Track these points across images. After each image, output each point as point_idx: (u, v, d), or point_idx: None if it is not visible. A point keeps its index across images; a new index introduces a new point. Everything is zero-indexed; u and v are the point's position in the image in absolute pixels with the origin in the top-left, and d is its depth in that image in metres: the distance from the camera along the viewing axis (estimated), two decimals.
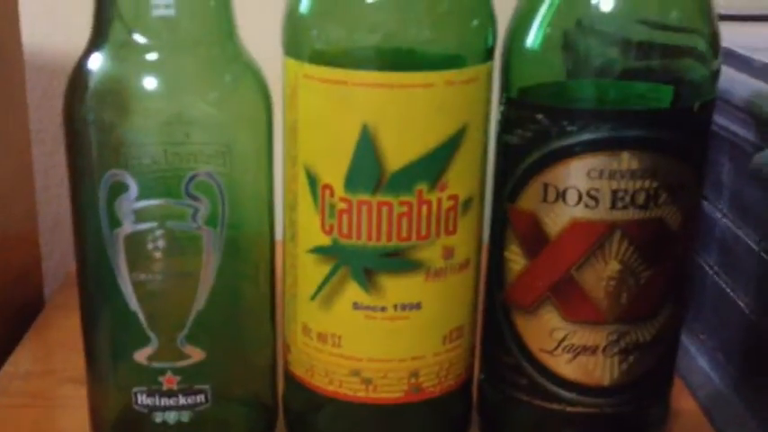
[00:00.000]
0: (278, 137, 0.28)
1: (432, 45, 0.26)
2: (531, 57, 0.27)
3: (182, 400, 0.28)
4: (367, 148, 0.26)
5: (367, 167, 0.26)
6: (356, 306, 0.27)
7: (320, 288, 0.28)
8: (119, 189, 0.26)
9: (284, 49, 0.28)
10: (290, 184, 0.28)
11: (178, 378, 0.28)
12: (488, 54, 0.27)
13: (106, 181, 0.26)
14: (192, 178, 0.26)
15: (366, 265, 0.27)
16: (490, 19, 0.27)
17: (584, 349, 0.28)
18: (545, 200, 0.27)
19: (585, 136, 0.26)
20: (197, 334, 0.27)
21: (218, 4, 0.26)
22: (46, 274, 0.49)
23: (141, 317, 0.27)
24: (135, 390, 0.28)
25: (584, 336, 0.27)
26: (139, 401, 0.28)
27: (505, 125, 0.28)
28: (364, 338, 0.28)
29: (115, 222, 0.26)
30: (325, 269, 0.27)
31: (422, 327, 0.28)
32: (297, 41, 0.27)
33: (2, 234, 0.42)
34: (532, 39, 0.27)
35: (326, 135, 0.26)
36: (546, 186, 0.27)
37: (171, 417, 0.28)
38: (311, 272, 0.28)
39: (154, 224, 0.26)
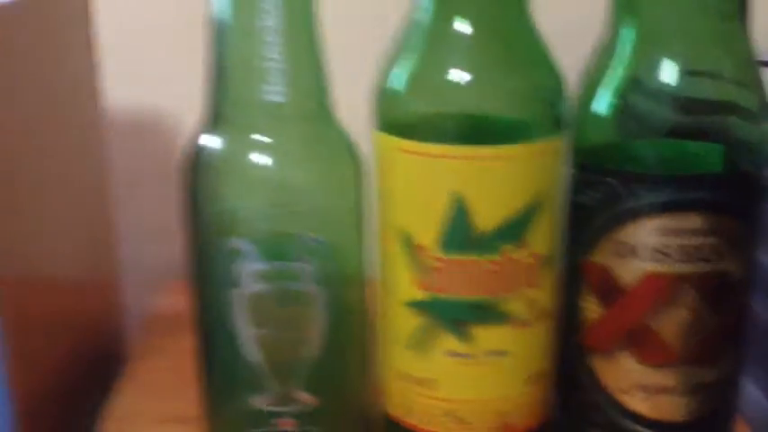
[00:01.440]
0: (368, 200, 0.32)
1: (513, 119, 0.29)
2: (597, 122, 0.30)
3: None
4: (458, 213, 0.29)
5: (459, 230, 0.29)
6: (449, 353, 0.30)
7: (415, 337, 0.31)
8: (237, 254, 0.29)
9: (376, 123, 0.31)
10: (384, 243, 0.31)
11: (293, 422, 0.31)
12: (562, 124, 0.30)
13: (225, 247, 0.29)
14: (301, 242, 0.29)
15: (458, 317, 0.30)
16: (563, 92, 0.30)
17: (658, 389, 0.30)
18: (618, 255, 0.30)
19: (653, 198, 0.29)
20: (309, 381, 0.31)
21: (320, 87, 0.30)
22: (126, 320, 0.52)
23: (259, 367, 0.30)
24: None
25: (658, 377, 0.30)
26: None
27: (576, 186, 0.31)
28: (457, 382, 0.31)
29: (235, 284, 0.30)
30: (420, 320, 0.31)
31: (509, 370, 0.31)
32: (388, 117, 0.30)
33: (84, 281, 0.45)
34: (597, 105, 0.30)
35: (420, 202, 0.30)
36: (618, 243, 0.30)
37: None
38: (406, 322, 0.31)
39: (269, 285, 0.30)
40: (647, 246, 0.29)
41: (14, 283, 0.34)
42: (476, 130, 0.29)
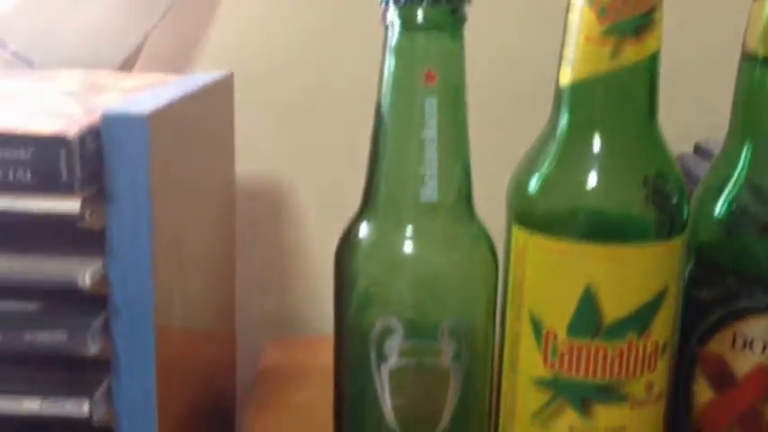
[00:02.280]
0: None
1: (642, 221, 0.33)
2: (717, 224, 0.33)
3: None
4: (588, 303, 0.32)
5: (587, 319, 0.32)
6: (571, 429, 0.33)
7: (539, 412, 0.34)
8: (385, 331, 0.33)
9: (513, 218, 0.34)
10: (513, 325, 0.34)
11: None
12: (686, 225, 0.33)
13: (378, 325, 0.33)
14: (445, 324, 0.33)
15: (582, 396, 0.33)
16: (685, 195, 0.33)
17: None
18: (733, 347, 0.32)
19: None
20: None
21: (465, 187, 0.33)
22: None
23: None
24: None
25: None
26: None
27: (695, 281, 0.34)
28: None
29: (382, 357, 0.33)
30: (545, 397, 0.34)
31: None
32: (526, 215, 0.34)
33: (208, 334, 0.49)
34: (717, 207, 0.33)
35: (552, 291, 0.33)
36: (735, 336, 0.32)
37: None
38: (532, 398, 0.34)
39: (412, 360, 0.33)
40: (762, 340, 0.32)
41: (168, 332, 0.38)
42: (605, 227, 0.33)
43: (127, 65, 0.54)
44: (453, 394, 0.34)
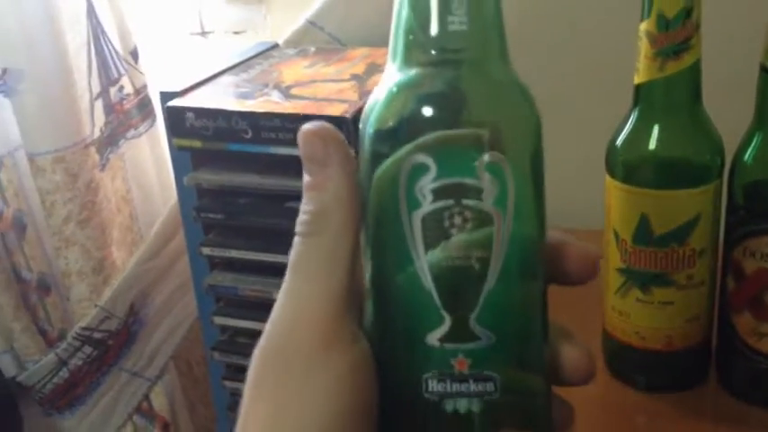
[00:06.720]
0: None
1: (686, 174, 0.50)
2: (747, 171, 0.49)
3: (472, 387, 0.28)
4: (643, 225, 0.51)
5: (644, 233, 0.51)
6: (637, 300, 0.53)
7: (618, 289, 0.54)
8: (418, 171, 0.28)
9: (606, 170, 0.53)
10: (606, 235, 0.54)
11: (467, 361, 0.28)
12: (718, 175, 0.50)
13: (406, 164, 0.28)
14: (484, 159, 0.28)
15: (643, 281, 0.52)
16: (721, 155, 0.50)
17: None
18: (743, 255, 0.49)
19: (763, 225, 0.48)
20: (484, 313, 0.28)
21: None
22: None
23: (432, 295, 0.28)
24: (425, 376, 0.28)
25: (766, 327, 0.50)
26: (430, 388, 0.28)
27: (727, 211, 0.50)
28: (641, 317, 0.53)
29: (412, 203, 0.28)
30: (621, 280, 0.54)
31: (673, 313, 0.53)
32: (611, 168, 0.53)
33: None
34: (746, 161, 0.49)
35: (623, 215, 0.52)
36: (745, 248, 0.49)
37: (462, 404, 0.28)
38: (614, 280, 0.54)
39: (450, 201, 0.28)
40: (759, 251, 0.48)
41: None
42: (660, 177, 0.51)
43: None
44: (500, 248, 0.28)
